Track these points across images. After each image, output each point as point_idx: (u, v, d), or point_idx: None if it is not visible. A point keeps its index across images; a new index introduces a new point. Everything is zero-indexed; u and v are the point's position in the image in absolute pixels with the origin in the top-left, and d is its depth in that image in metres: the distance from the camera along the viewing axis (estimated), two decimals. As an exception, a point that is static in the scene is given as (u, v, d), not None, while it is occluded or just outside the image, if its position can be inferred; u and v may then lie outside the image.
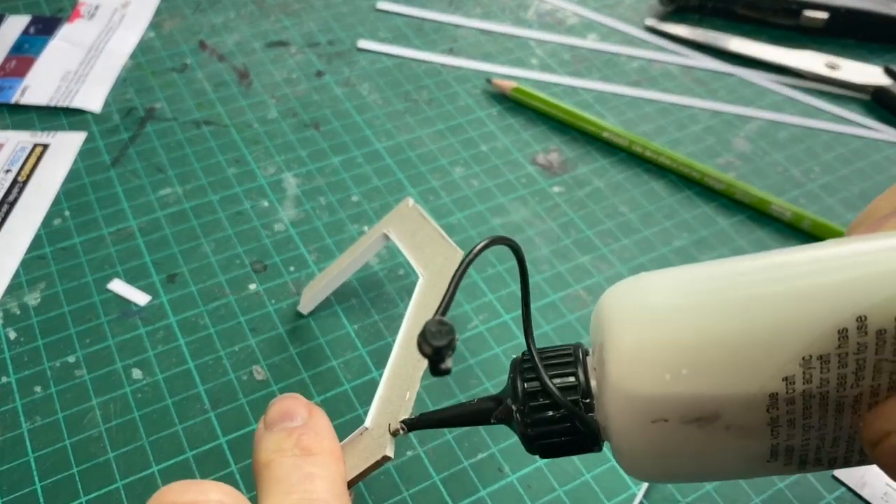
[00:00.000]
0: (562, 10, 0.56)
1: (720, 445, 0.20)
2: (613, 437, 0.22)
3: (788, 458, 0.21)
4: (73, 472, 0.31)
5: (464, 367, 0.35)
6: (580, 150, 0.46)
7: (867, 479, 0.32)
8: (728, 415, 0.20)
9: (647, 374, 0.20)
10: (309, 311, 0.37)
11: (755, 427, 0.20)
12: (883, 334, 0.19)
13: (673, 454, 0.21)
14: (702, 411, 0.20)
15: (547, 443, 0.23)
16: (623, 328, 0.21)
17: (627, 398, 0.20)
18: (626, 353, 0.20)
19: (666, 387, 0.20)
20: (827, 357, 0.19)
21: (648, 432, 0.20)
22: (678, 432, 0.20)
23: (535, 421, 0.23)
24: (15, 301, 0.37)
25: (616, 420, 0.21)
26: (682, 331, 0.20)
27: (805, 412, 0.19)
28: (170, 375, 0.34)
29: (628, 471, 0.22)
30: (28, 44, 0.50)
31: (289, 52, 0.51)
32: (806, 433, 0.20)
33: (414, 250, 0.32)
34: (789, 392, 0.19)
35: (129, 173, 0.43)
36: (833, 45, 0.54)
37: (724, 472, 0.22)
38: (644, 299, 0.21)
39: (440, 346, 0.20)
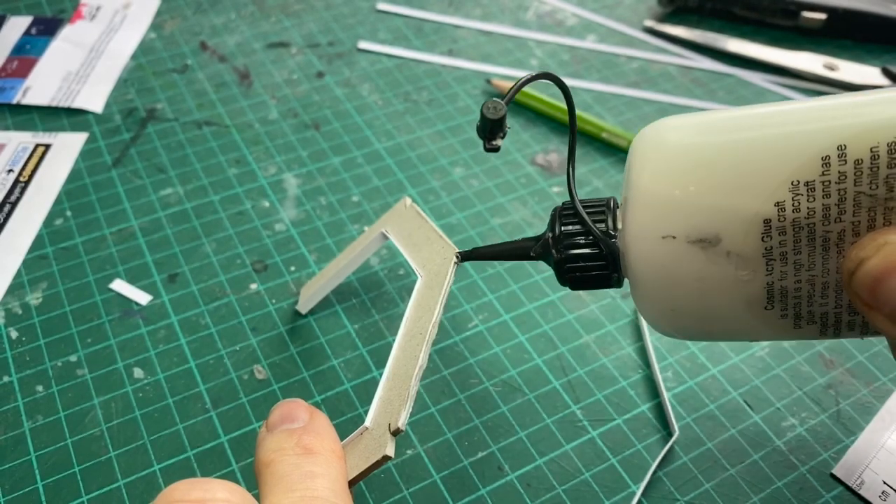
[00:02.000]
0: (561, 10, 0.57)
1: (721, 274, 0.23)
2: (630, 259, 0.24)
3: (784, 306, 0.23)
4: (75, 471, 0.31)
5: (464, 366, 0.36)
6: (579, 150, 0.46)
7: (865, 478, 0.32)
8: (727, 238, 0.22)
9: (661, 191, 0.23)
10: (307, 311, 0.37)
11: (751, 256, 0.22)
12: (860, 164, 0.21)
13: (680, 280, 0.23)
14: (704, 231, 0.22)
15: (575, 266, 0.26)
16: (644, 160, 0.24)
17: (642, 214, 0.23)
18: (645, 177, 0.23)
19: (675, 202, 0.23)
20: (812, 184, 0.21)
21: (659, 250, 0.23)
22: (684, 253, 0.23)
23: (567, 245, 0.26)
24: (17, 301, 0.37)
25: (632, 237, 0.24)
26: (693, 159, 0.23)
27: (795, 245, 0.22)
28: (171, 375, 0.35)
29: (641, 303, 0.25)
30: (30, 44, 0.51)
31: (289, 52, 0.51)
32: (797, 272, 0.22)
33: (411, 249, 0.32)
34: (781, 220, 0.22)
35: (131, 173, 0.43)
36: (831, 45, 0.55)
37: (727, 318, 0.24)
38: (663, 138, 0.24)
39: (493, 119, 0.24)
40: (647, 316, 0.26)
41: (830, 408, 0.35)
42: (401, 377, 0.27)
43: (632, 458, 0.33)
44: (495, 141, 0.24)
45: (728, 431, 0.34)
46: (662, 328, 0.26)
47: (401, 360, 0.28)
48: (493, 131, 0.24)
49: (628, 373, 0.36)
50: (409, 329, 0.29)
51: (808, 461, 0.33)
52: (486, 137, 0.24)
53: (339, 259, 0.36)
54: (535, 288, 0.39)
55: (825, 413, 0.35)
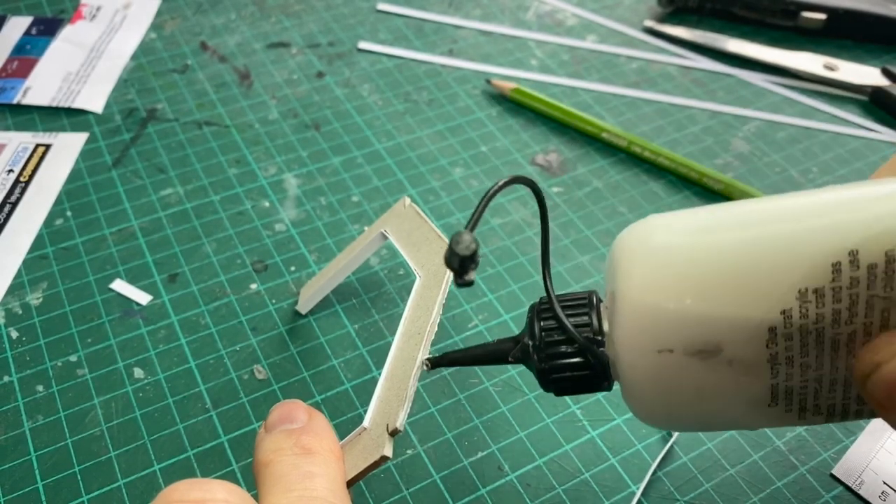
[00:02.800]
0: (561, 11, 0.57)
1: (722, 382, 0.21)
2: (622, 369, 0.23)
3: (788, 403, 0.21)
4: (75, 471, 0.31)
5: (463, 366, 0.36)
6: (579, 150, 0.46)
7: (865, 478, 0.32)
8: (729, 348, 0.21)
9: (654, 304, 0.21)
10: (307, 311, 0.37)
11: (755, 363, 0.21)
12: (874, 269, 0.19)
13: (677, 389, 0.22)
14: (704, 343, 0.21)
15: (561, 377, 0.24)
16: (632, 265, 0.22)
17: (635, 327, 0.21)
18: (635, 286, 0.22)
19: (671, 316, 0.21)
20: (822, 291, 0.20)
21: (654, 363, 0.21)
22: (682, 365, 0.21)
23: (551, 355, 0.24)
24: (17, 301, 0.37)
25: (624, 350, 0.22)
26: (687, 264, 0.21)
27: (802, 349, 0.20)
28: (171, 375, 0.35)
29: (635, 408, 0.23)
30: (30, 45, 0.51)
31: (289, 52, 0.51)
32: (804, 373, 0.21)
33: (410, 249, 0.32)
34: (787, 326, 0.20)
35: (131, 174, 0.43)
36: (831, 45, 0.55)
37: (727, 416, 0.22)
38: (651, 239, 0.22)
39: (465, 256, 0.21)
40: (640, 417, 0.24)
41: (830, 408, 0.35)
42: (399, 377, 0.27)
43: (632, 458, 0.33)
44: (467, 276, 0.21)
45: (728, 431, 0.34)
46: (656, 426, 0.24)
47: (399, 361, 0.28)
48: (464, 266, 0.21)
49: (628, 373, 0.36)
50: (407, 329, 0.29)
51: (807, 461, 0.33)
52: (457, 272, 0.21)
53: (339, 259, 0.36)
54: (535, 288, 0.39)
55: (825, 413, 0.35)
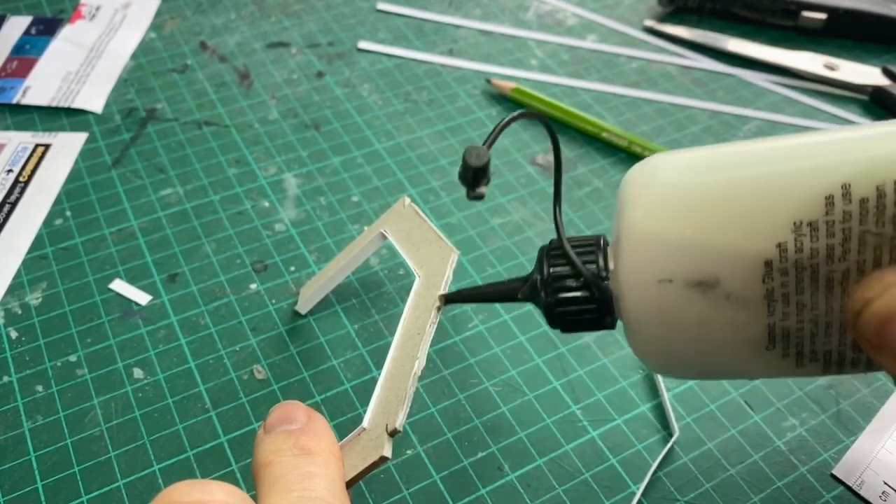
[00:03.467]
0: (561, 10, 0.57)
1: (721, 318, 0.22)
2: (624, 302, 0.23)
3: (785, 346, 0.22)
4: (75, 471, 0.31)
5: (464, 365, 0.36)
6: (579, 150, 0.46)
7: (865, 478, 0.32)
8: (727, 281, 0.21)
9: (655, 234, 0.22)
10: (307, 311, 0.37)
11: (752, 299, 0.21)
12: (866, 203, 0.20)
13: (677, 324, 0.22)
14: (703, 274, 0.21)
15: (565, 311, 0.25)
16: (636, 198, 0.23)
17: (637, 258, 0.22)
18: (638, 217, 0.22)
19: (671, 246, 0.22)
20: (815, 224, 0.20)
21: (655, 295, 0.22)
22: (682, 297, 0.22)
23: (557, 289, 0.25)
24: (16, 301, 0.37)
25: (627, 280, 0.23)
26: (688, 198, 0.22)
27: (798, 286, 0.21)
28: (170, 375, 0.35)
29: (636, 345, 0.24)
30: (30, 44, 0.51)
31: (289, 52, 0.51)
32: (800, 313, 0.21)
33: (410, 249, 0.32)
34: (782, 261, 0.21)
35: (130, 173, 0.43)
36: (831, 45, 0.55)
37: (726, 359, 0.23)
38: (655, 175, 0.23)
39: (477, 167, 0.22)
40: (642, 357, 0.25)
41: (831, 408, 0.35)
42: (398, 378, 0.27)
43: (632, 459, 0.33)
44: (479, 188, 0.23)
45: (728, 431, 0.34)
46: (657, 369, 0.25)
47: (398, 361, 0.27)
48: (476, 178, 0.22)
49: (628, 373, 0.36)
50: (406, 329, 0.29)
51: (808, 461, 0.33)
52: (470, 185, 0.23)
53: (338, 259, 0.36)
54: (535, 288, 0.39)
55: (825, 413, 0.35)
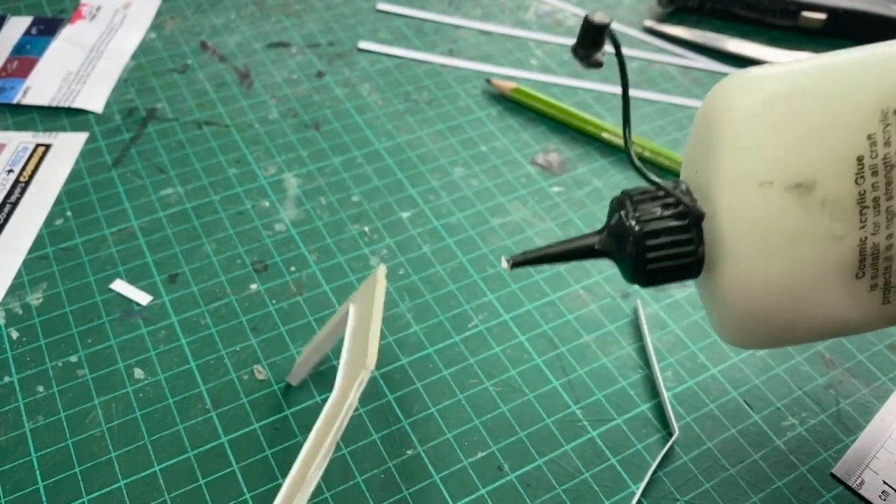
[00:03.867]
0: (561, 10, 0.57)
1: (817, 230, 0.22)
2: (722, 210, 0.23)
3: (874, 272, 0.22)
4: (76, 472, 0.31)
5: (464, 366, 0.36)
6: (579, 150, 0.46)
7: (865, 478, 0.32)
8: (822, 183, 0.22)
9: (753, 132, 0.22)
10: (298, 382, 0.35)
11: (846, 204, 0.22)
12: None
13: (775, 239, 0.22)
14: (800, 174, 0.22)
15: (658, 243, 0.23)
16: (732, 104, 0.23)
17: (737, 154, 0.22)
18: (737, 119, 0.23)
19: (769, 143, 0.22)
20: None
21: (756, 199, 0.22)
22: (781, 203, 0.22)
23: (646, 219, 0.24)
24: (17, 301, 0.37)
25: (728, 184, 0.22)
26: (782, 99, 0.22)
27: (887, 188, 0.22)
28: (171, 375, 0.35)
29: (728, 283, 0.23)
30: (30, 44, 0.51)
31: (289, 52, 0.51)
32: (889, 223, 0.22)
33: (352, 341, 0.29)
34: (873, 156, 0.21)
35: (131, 173, 0.43)
36: (831, 45, 0.55)
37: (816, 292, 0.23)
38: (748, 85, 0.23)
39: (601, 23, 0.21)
40: (731, 302, 0.23)
41: (830, 407, 0.35)
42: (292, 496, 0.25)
43: (632, 458, 0.33)
44: (597, 55, 0.21)
45: (728, 431, 0.34)
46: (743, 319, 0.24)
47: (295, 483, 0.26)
48: (596, 41, 0.21)
49: (628, 373, 0.36)
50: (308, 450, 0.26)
51: (808, 461, 0.33)
52: (589, 47, 0.21)
53: (321, 332, 0.34)
54: (535, 288, 0.39)
55: (825, 413, 0.35)
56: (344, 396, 0.26)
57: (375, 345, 0.26)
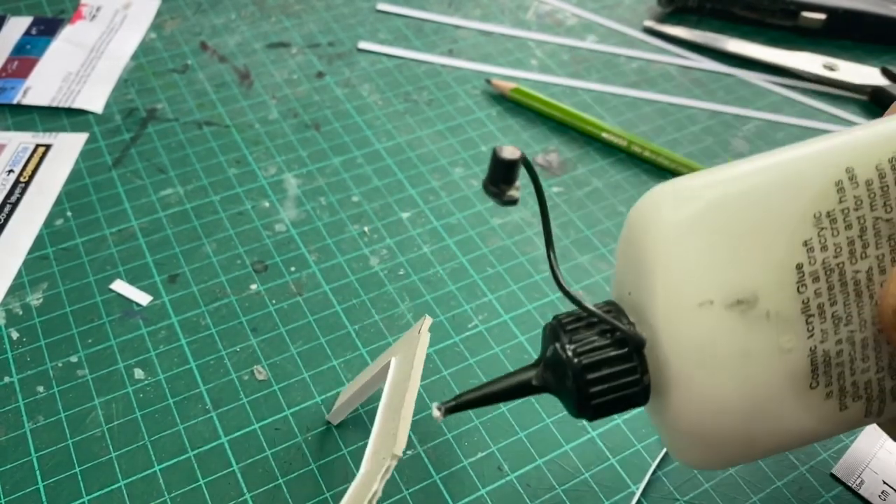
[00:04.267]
0: (561, 11, 0.57)
1: (764, 344, 0.21)
2: (663, 336, 0.21)
3: (828, 380, 0.21)
4: (76, 472, 0.31)
5: (464, 366, 0.36)
6: (579, 150, 0.46)
7: (865, 478, 0.32)
8: (765, 296, 0.21)
9: (686, 251, 0.21)
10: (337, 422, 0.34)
11: (791, 315, 0.21)
12: (871, 185, 0.21)
13: (721, 358, 0.21)
14: (740, 291, 0.21)
15: (598, 376, 0.22)
16: (659, 223, 0.22)
17: (671, 276, 0.21)
18: (668, 239, 0.22)
19: (704, 260, 0.21)
20: (833, 215, 0.21)
21: (696, 321, 0.21)
22: (724, 322, 0.21)
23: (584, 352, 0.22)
24: (17, 301, 0.37)
25: (665, 309, 0.21)
26: (711, 213, 0.21)
27: (830, 293, 0.21)
28: (171, 375, 0.35)
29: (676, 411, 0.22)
30: (30, 45, 0.51)
31: (289, 52, 0.51)
32: (836, 329, 0.21)
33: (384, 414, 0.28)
34: (811, 262, 0.21)
35: (131, 174, 0.43)
36: (831, 46, 0.55)
37: (772, 407, 0.22)
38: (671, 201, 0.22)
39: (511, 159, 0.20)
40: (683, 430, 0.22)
41: (830, 408, 0.35)
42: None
43: (631, 458, 0.33)
44: (511, 191, 0.20)
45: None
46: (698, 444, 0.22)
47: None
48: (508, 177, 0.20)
49: (628, 373, 0.36)
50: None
51: (807, 461, 0.33)
52: (501, 184, 0.20)
53: (360, 379, 0.33)
54: (535, 288, 0.39)
55: (825, 413, 0.35)
56: (370, 481, 0.24)
57: (406, 427, 0.25)
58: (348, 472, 0.32)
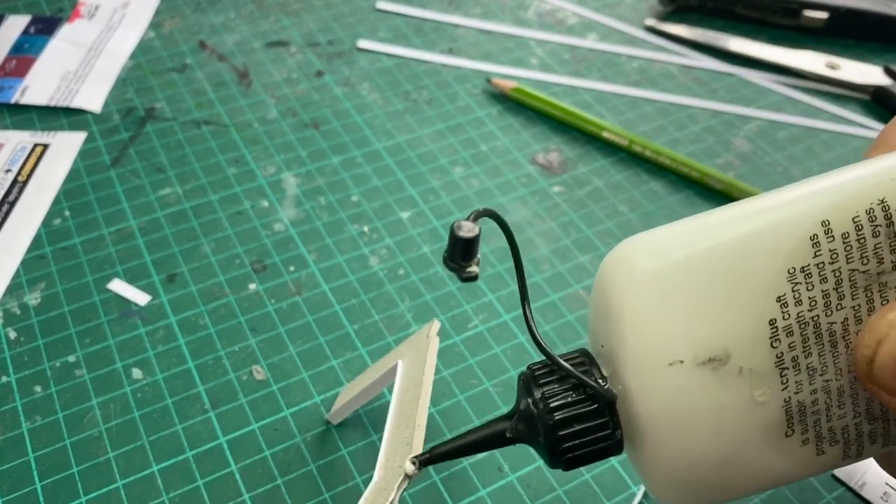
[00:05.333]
0: (561, 9, 0.56)
1: (737, 399, 0.21)
2: (633, 396, 0.21)
3: (804, 428, 0.21)
4: (73, 472, 0.31)
5: (464, 366, 0.36)
6: (580, 149, 0.46)
7: (867, 479, 0.32)
8: (737, 353, 0.20)
9: (655, 310, 0.21)
10: (338, 422, 0.34)
11: (765, 369, 0.21)
12: (847, 238, 0.20)
13: (693, 415, 0.21)
14: (713, 348, 0.20)
15: (571, 433, 0.22)
16: (627, 283, 0.22)
17: (639, 337, 0.21)
18: (635, 299, 0.21)
19: (674, 320, 0.21)
20: (808, 269, 0.20)
21: (667, 380, 0.21)
22: (695, 380, 0.21)
23: (554, 408, 0.22)
24: (15, 301, 0.37)
25: (634, 369, 0.21)
26: (680, 273, 0.21)
27: (804, 346, 0.21)
28: (170, 375, 0.35)
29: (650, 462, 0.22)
30: (28, 44, 0.51)
31: (288, 51, 0.51)
32: (811, 380, 0.21)
33: (395, 415, 0.28)
34: (785, 317, 0.20)
35: (129, 173, 0.43)
36: (833, 44, 0.54)
37: (747, 457, 0.22)
38: (637, 259, 0.22)
39: (468, 237, 0.20)
40: (658, 481, 0.22)
41: (832, 408, 0.35)
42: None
43: (632, 459, 0.33)
44: (470, 268, 0.20)
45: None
46: (674, 493, 0.23)
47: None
48: (467, 254, 0.20)
49: (629, 373, 0.36)
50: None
51: (809, 462, 0.33)
52: (459, 260, 0.20)
53: (362, 380, 0.33)
54: (535, 288, 0.39)
55: (827, 414, 0.35)
56: (386, 489, 0.24)
57: (421, 436, 0.25)
58: (348, 473, 0.32)
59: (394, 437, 0.26)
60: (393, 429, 0.27)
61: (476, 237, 0.20)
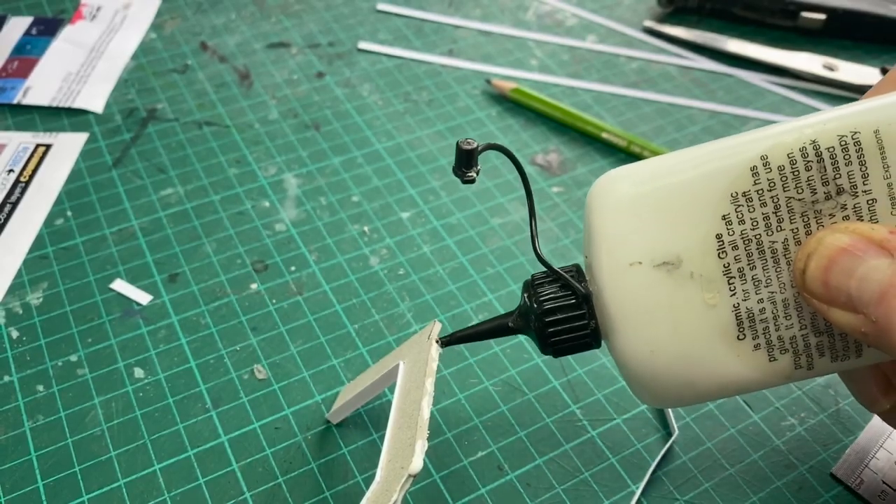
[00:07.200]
0: (561, 11, 0.57)
1: (690, 299, 0.24)
2: (603, 291, 0.25)
3: (754, 333, 0.25)
4: (75, 471, 0.31)
5: (464, 366, 0.36)
6: (579, 150, 0.46)
7: (864, 478, 0.32)
8: (688, 259, 0.24)
9: (620, 222, 0.25)
10: (337, 421, 0.34)
11: (714, 275, 0.24)
12: (783, 170, 0.24)
13: (652, 308, 0.25)
14: (666, 253, 0.24)
15: (554, 319, 0.27)
16: (603, 201, 0.26)
17: (606, 242, 0.25)
18: (607, 214, 0.25)
19: (635, 229, 0.25)
20: (748, 194, 0.24)
21: (628, 277, 0.25)
22: (652, 278, 0.25)
23: (543, 300, 0.27)
24: (17, 300, 0.37)
25: (601, 268, 0.25)
26: (645, 192, 0.25)
27: (749, 259, 0.24)
28: (171, 374, 0.35)
29: (621, 349, 0.25)
30: (30, 45, 0.51)
31: (289, 52, 0.52)
32: (758, 289, 0.24)
33: (397, 416, 0.28)
34: (730, 233, 0.24)
35: (131, 173, 0.43)
36: (830, 46, 0.55)
37: (704, 354, 0.25)
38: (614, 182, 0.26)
39: (467, 149, 0.25)
40: (628, 367, 0.26)
41: (830, 407, 0.35)
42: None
43: (631, 458, 0.33)
44: (470, 173, 0.25)
45: (727, 431, 0.34)
46: (643, 381, 0.26)
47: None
48: (469, 162, 0.25)
49: (628, 372, 0.36)
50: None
51: (807, 461, 0.33)
52: (463, 167, 0.25)
53: (362, 380, 0.33)
54: (534, 288, 0.39)
55: (824, 413, 0.35)
56: (388, 490, 0.25)
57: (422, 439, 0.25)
58: (348, 472, 0.32)
59: (396, 438, 0.26)
60: (395, 430, 0.27)
61: (474, 149, 0.25)
